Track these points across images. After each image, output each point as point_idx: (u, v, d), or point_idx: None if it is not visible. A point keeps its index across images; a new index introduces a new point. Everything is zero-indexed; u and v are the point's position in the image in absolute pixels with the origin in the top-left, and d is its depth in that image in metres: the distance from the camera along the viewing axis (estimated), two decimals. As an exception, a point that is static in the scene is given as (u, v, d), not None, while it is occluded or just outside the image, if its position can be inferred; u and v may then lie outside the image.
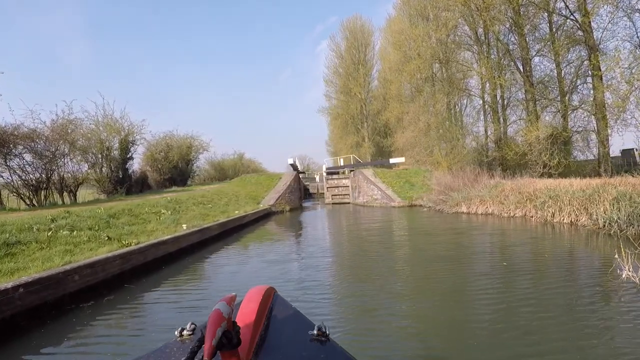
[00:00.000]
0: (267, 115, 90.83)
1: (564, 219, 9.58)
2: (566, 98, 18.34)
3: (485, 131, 24.00)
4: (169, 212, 9.62)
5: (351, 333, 3.77)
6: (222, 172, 29.94)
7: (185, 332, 1.05)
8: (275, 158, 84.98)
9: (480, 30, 23.13)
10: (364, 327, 3.92)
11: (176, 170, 23.84)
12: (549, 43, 18.59)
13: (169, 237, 7.10)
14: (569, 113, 18.04)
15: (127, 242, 6.27)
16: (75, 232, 6.62)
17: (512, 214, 11.34)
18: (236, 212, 12.69)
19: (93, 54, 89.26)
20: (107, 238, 6.58)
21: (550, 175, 15.21)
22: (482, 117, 24.27)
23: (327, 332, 1.02)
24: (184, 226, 8.30)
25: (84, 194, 16.77)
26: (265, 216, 15.93)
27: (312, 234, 11.55)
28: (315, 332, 1.01)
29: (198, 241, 8.26)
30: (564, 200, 9.76)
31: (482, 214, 12.32)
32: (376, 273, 6.23)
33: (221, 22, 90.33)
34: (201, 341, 0.72)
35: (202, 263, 7.35)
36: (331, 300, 4.90)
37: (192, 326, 1.08)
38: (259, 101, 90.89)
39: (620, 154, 20.31)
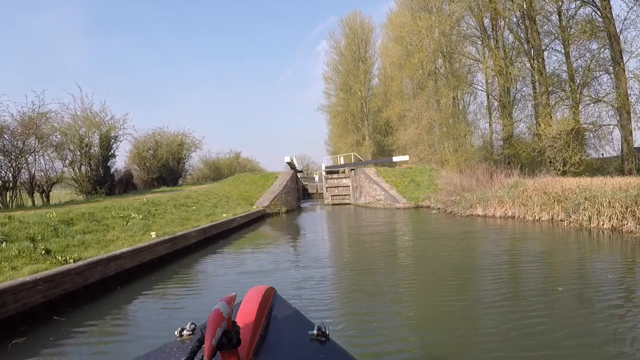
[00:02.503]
0: (266, 116, 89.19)
1: (603, 224, 8.16)
2: (583, 90, 16.98)
3: (490, 127, 22.80)
4: (140, 217, 8.18)
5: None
6: (217, 172, 28.50)
7: (185, 332, 1.04)
8: (274, 158, 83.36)
9: (487, 21, 21.96)
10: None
11: (166, 169, 22.39)
12: (567, 30, 17.16)
13: (126, 249, 5.66)
14: (588, 106, 16.69)
15: (63, 258, 4.84)
16: (4, 245, 5.20)
17: (537, 217, 9.93)
18: (224, 215, 11.27)
19: (93, 54, 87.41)
20: (44, 252, 5.15)
21: (570, 174, 13.82)
22: (490, 113, 22.98)
23: (327, 332, 0.99)
24: (153, 234, 6.87)
25: (60, 194, 15.35)
26: (258, 219, 14.51)
27: (310, 239, 10.14)
28: (315, 332, 0.99)
29: (168, 252, 6.81)
30: (602, 202, 8.35)
31: (500, 217, 10.90)
32: (384, 291, 4.83)
33: (222, 22, 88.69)
34: (201, 341, 0.70)
35: (169, 281, 5.91)
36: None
37: (192, 326, 1.05)
38: (258, 101, 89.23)
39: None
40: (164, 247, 6.66)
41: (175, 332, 1.04)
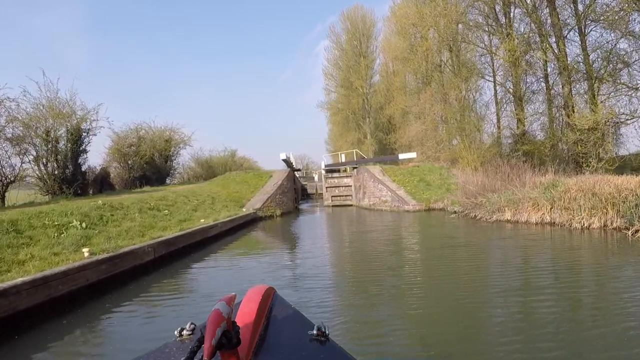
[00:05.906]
0: (266, 116, 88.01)
1: (686, 235, 6.28)
2: (614, 79, 15.12)
3: (499, 122, 21.08)
4: (83, 225, 6.28)
5: None
6: (211, 171, 26.65)
7: (184, 332, 1.02)
8: (273, 158, 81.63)
9: (498, 7, 20.26)
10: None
11: (151, 167, 20.47)
12: (594, 14, 15.30)
13: (22, 280, 3.75)
14: (609, 98, 14.86)
15: None
16: None
17: (585, 224, 8.04)
18: (202, 220, 9.37)
19: (93, 54, 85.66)
20: None
21: (610, 172, 11.96)
22: (499, 108, 21.25)
23: (327, 332, 0.98)
24: (86, 251, 4.97)
25: (21, 195, 13.42)
26: (247, 224, 12.61)
27: (306, 249, 8.21)
28: (315, 332, 0.97)
29: (103, 278, 4.87)
30: (681, 206, 6.47)
31: (536, 223, 9.00)
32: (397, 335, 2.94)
33: (222, 22, 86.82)
34: (201, 341, 0.70)
35: (89, 325, 4.00)
36: None
37: (192, 326, 1.04)
38: (258, 101, 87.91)
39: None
40: (97, 270, 4.73)
41: (175, 332, 1.01)
